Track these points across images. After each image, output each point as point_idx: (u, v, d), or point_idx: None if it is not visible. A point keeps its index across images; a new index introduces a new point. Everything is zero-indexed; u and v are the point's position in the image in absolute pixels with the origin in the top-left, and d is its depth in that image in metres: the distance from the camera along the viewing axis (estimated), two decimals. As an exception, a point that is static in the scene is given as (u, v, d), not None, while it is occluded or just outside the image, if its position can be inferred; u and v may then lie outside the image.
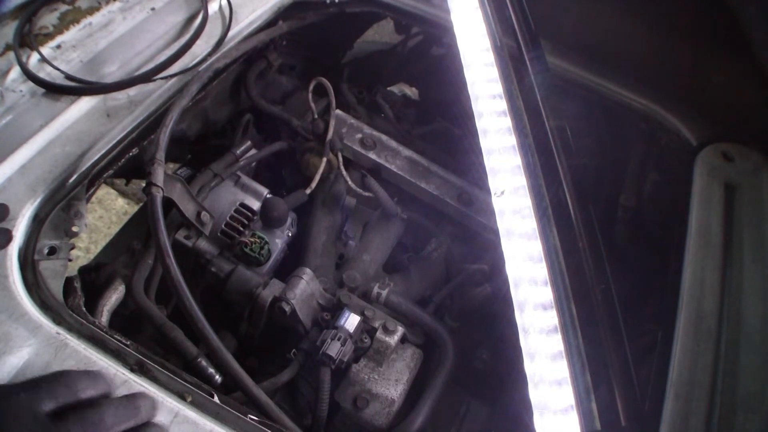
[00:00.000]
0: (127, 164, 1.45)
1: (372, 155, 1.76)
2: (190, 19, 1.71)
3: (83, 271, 1.44)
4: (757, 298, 1.27)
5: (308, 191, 1.69)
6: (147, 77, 1.52)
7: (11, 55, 1.50)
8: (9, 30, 1.55)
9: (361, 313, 1.48)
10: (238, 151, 1.68)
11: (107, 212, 3.32)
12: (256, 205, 1.61)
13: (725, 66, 1.60)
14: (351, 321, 1.45)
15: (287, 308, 1.44)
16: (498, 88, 1.47)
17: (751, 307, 1.25)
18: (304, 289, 1.48)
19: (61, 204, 1.30)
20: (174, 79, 1.56)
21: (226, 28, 1.70)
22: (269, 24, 1.82)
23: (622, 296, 1.21)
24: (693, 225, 1.38)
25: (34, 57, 1.51)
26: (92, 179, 1.37)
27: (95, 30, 1.62)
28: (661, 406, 1.12)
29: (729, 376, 1.15)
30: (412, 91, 2.65)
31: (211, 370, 1.24)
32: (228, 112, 1.91)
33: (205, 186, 1.57)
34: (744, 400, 1.12)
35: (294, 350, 1.45)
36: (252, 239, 1.51)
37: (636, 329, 1.27)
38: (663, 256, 1.41)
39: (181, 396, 1.08)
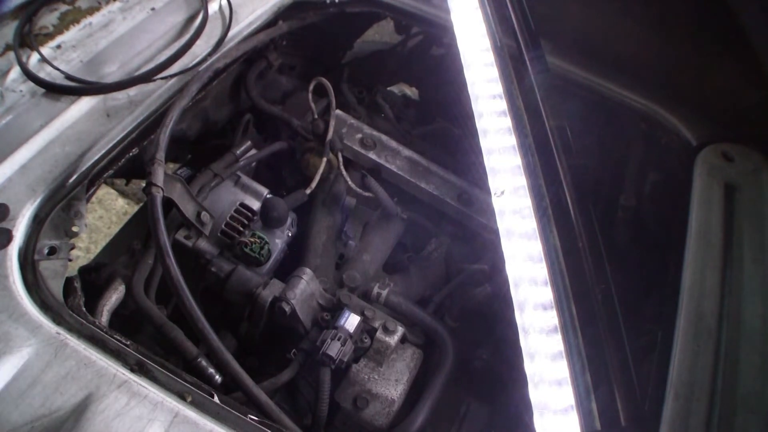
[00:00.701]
0: (127, 164, 1.45)
1: (372, 155, 1.76)
2: (190, 19, 1.71)
3: (83, 271, 1.44)
4: (757, 298, 1.27)
5: (308, 191, 1.70)
6: (147, 77, 1.52)
7: (11, 55, 1.50)
8: (9, 30, 1.55)
9: (361, 313, 1.48)
10: (238, 151, 1.68)
11: (107, 212, 3.32)
12: (256, 205, 1.61)
13: (725, 66, 1.59)
14: (351, 321, 1.45)
15: (287, 308, 1.44)
16: (498, 88, 1.47)
17: (751, 307, 1.25)
18: (304, 289, 1.48)
19: (61, 204, 1.30)
20: (174, 79, 1.56)
21: (226, 28, 1.70)
22: (269, 24, 1.82)
23: (622, 296, 1.20)
24: (693, 225, 1.38)
25: (34, 57, 1.51)
26: (92, 179, 1.37)
27: (95, 30, 1.62)
28: (661, 406, 1.12)
29: (729, 376, 1.15)
30: (412, 91, 2.65)
31: (211, 370, 1.24)
32: (228, 112, 1.91)
33: (205, 186, 1.57)
34: (744, 400, 1.12)
35: (294, 350, 1.45)
36: (252, 239, 1.51)
37: (636, 329, 1.27)
38: (663, 256, 1.41)
39: (181, 396, 1.08)
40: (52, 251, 1.24)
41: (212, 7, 1.74)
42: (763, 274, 1.30)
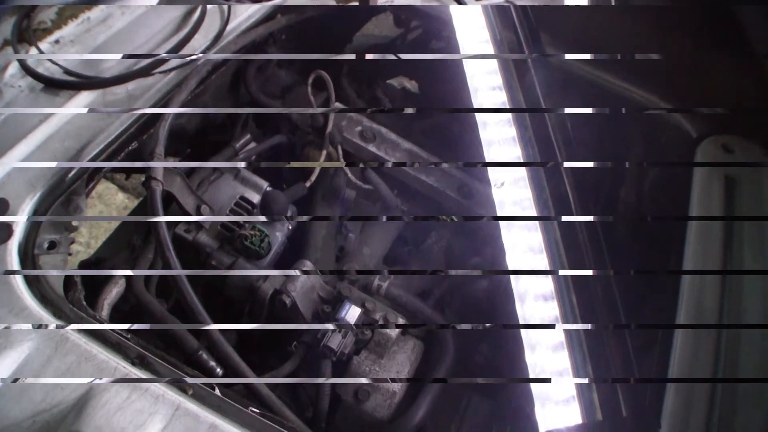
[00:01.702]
0: (126, 159, 1.44)
1: (372, 148, 1.76)
2: (189, 13, 1.70)
3: (83, 265, 1.44)
4: (757, 296, 1.26)
5: (308, 184, 1.69)
6: (146, 71, 1.52)
7: (9, 50, 1.50)
8: (7, 25, 1.55)
9: (362, 306, 1.48)
10: (237, 145, 1.68)
11: (107, 207, 3.31)
12: (256, 198, 1.61)
13: (725, 66, 1.59)
14: (352, 313, 1.45)
15: (288, 301, 1.44)
16: (497, 80, 1.47)
17: (751, 305, 1.25)
18: (305, 282, 1.48)
19: (61, 199, 1.30)
20: (173, 74, 1.55)
21: (225, 22, 1.70)
22: (268, 17, 1.81)
23: (622, 293, 1.20)
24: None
25: (33, 52, 1.51)
26: (92, 174, 1.36)
27: (93, 25, 1.62)
28: (662, 399, 1.12)
29: (729, 374, 1.15)
30: (411, 84, 2.65)
31: (212, 363, 1.24)
32: (227, 106, 1.90)
33: (205, 180, 1.57)
34: (744, 396, 1.12)
35: (295, 343, 1.45)
36: (252, 232, 1.50)
37: (636, 327, 1.27)
38: (663, 252, 1.41)
39: (182, 389, 1.08)
40: (52, 246, 1.24)
41: (211, 1, 1.73)
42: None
